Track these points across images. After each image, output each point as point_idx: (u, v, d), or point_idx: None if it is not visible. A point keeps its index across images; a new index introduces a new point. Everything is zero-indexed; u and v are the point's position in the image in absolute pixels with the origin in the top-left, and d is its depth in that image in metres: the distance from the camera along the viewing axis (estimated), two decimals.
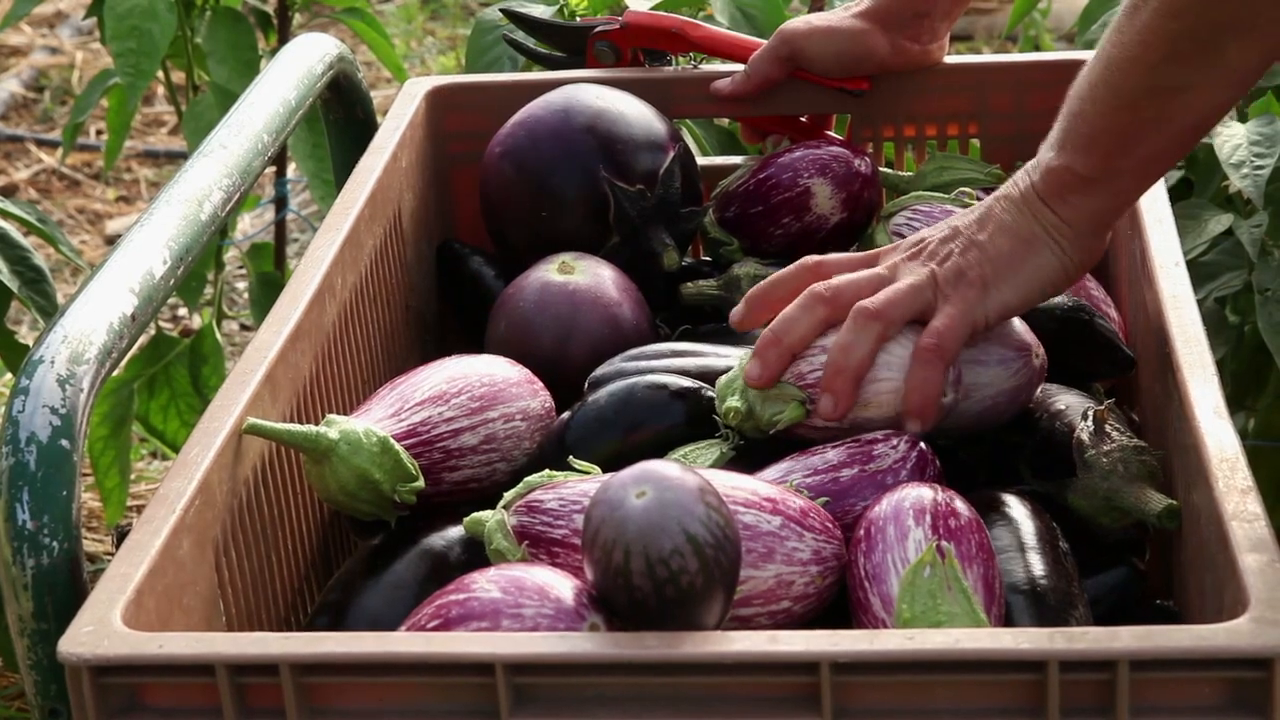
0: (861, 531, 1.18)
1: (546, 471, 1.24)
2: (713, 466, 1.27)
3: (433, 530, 1.29)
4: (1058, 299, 1.38)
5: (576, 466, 1.24)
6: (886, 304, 1.26)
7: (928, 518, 1.16)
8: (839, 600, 1.18)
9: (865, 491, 1.24)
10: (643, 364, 1.40)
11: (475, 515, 1.24)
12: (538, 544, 1.19)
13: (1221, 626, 0.99)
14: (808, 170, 1.64)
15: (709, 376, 1.36)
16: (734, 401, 1.29)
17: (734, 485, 1.17)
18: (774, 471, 1.26)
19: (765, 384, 1.28)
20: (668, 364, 1.39)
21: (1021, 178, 1.27)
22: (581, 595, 1.08)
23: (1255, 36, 1.13)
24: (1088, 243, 1.27)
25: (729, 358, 1.39)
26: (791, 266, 1.34)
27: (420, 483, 1.29)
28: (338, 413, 1.41)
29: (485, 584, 1.10)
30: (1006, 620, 1.14)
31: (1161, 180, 1.47)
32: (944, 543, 1.13)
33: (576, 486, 1.21)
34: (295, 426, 1.27)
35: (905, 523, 1.16)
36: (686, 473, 1.06)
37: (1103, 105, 1.20)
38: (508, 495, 1.23)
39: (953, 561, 1.11)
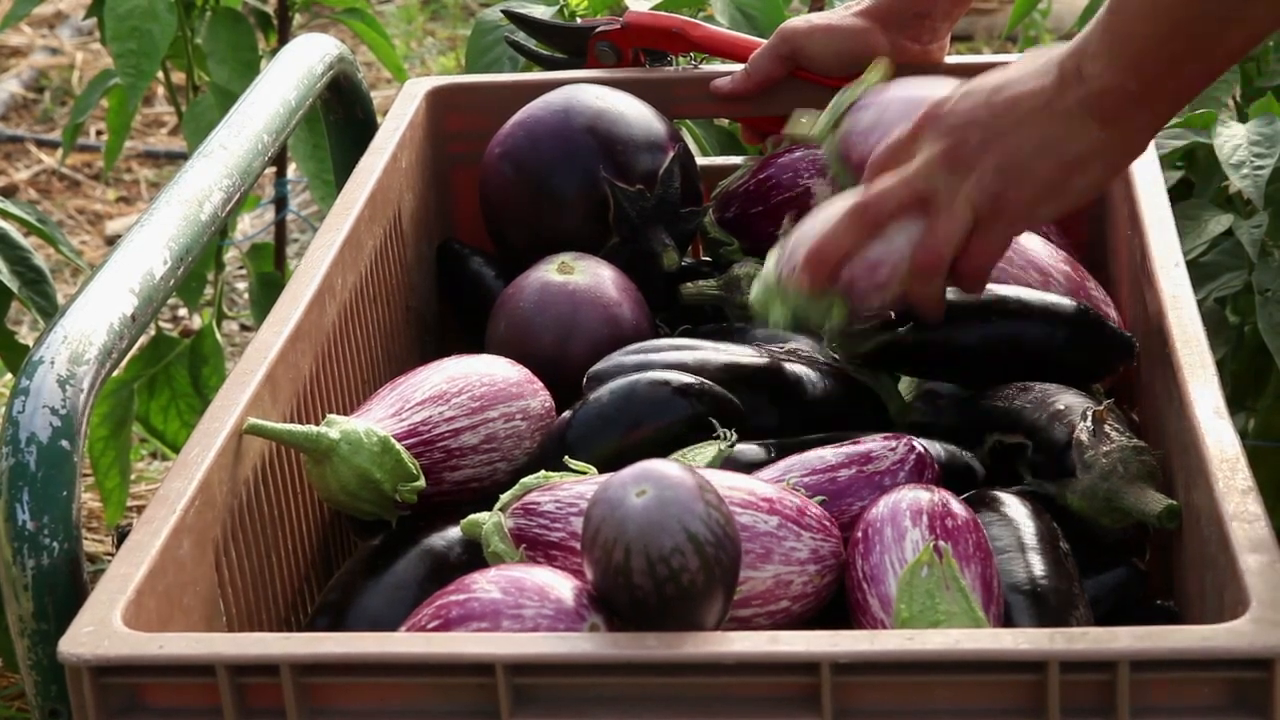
0: (859, 533, 1.18)
1: (542, 473, 1.24)
2: (709, 466, 1.27)
3: (433, 530, 1.29)
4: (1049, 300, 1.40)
5: (573, 467, 1.24)
6: (935, 257, 1.28)
7: (925, 518, 1.16)
8: (839, 601, 1.18)
9: (863, 492, 1.24)
10: (642, 358, 1.40)
11: (472, 517, 1.23)
12: (535, 547, 1.19)
13: (1222, 627, 0.99)
14: (808, 171, 1.64)
15: (708, 369, 1.36)
16: (778, 312, 1.32)
17: (731, 485, 1.17)
18: (771, 471, 1.26)
19: (813, 291, 1.30)
20: (666, 357, 1.39)
21: (1061, 89, 1.23)
22: (581, 595, 1.08)
23: None
24: (1133, 152, 1.26)
25: (726, 352, 1.39)
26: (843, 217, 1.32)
27: (421, 482, 1.29)
28: (338, 413, 1.41)
29: (485, 584, 1.10)
30: (1007, 620, 1.14)
31: (1162, 180, 1.47)
32: (941, 542, 1.13)
33: (573, 489, 1.21)
34: (296, 427, 1.27)
35: (902, 524, 1.16)
36: (686, 472, 1.06)
37: (1154, 28, 1.19)
38: (504, 497, 1.23)
39: (950, 561, 1.11)
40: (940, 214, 1.27)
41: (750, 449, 1.31)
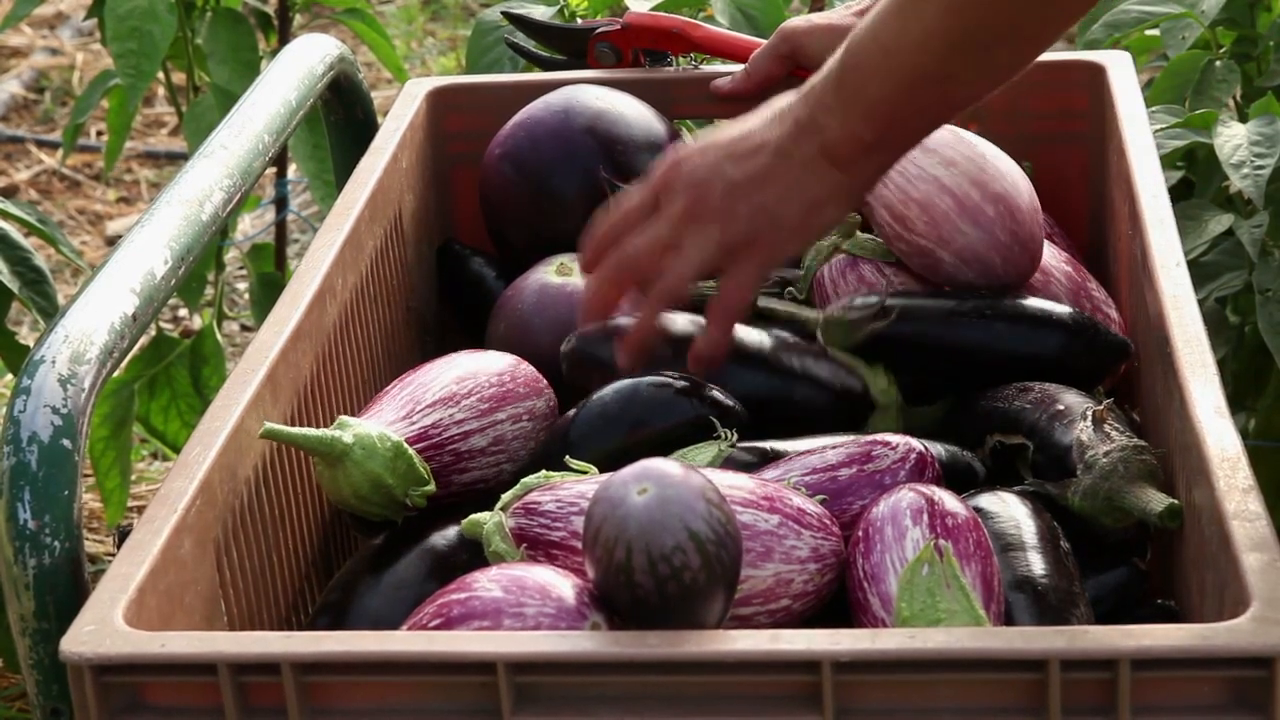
0: (860, 533, 1.18)
1: (543, 473, 1.24)
2: (709, 466, 1.27)
3: (435, 530, 1.29)
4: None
5: (574, 467, 1.24)
6: (677, 284, 1.32)
7: (925, 517, 1.16)
8: (841, 601, 1.18)
9: (864, 491, 1.24)
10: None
11: (473, 517, 1.23)
12: (535, 546, 1.19)
13: (1223, 626, 0.99)
14: None
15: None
16: None
17: (731, 484, 1.17)
18: (772, 471, 1.26)
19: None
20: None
21: (798, 137, 1.29)
22: (583, 594, 1.08)
23: (1025, 41, 1.21)
24: (867, 188, 1.32)
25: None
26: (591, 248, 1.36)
27: (432, 486, 1.29)
28: (340, 413, 1.41)
29: (487, 583, 1.10)
30: (1008, 620, 1.14)
31: (1163, 180, 1.47)
32: (941, 540, 1.13)
33: (574, 488, 1.21)
34: (310, 431, 1.26)
35: (902, 523, 1.16)
36: (688, 470, 1.06)
37: (884, 87, 1.24)
38: (505, 497, 1.23)
39: (950, 559, 1.11)
40: (682, 255, 1.31)
41: (751, 448, 1.31)
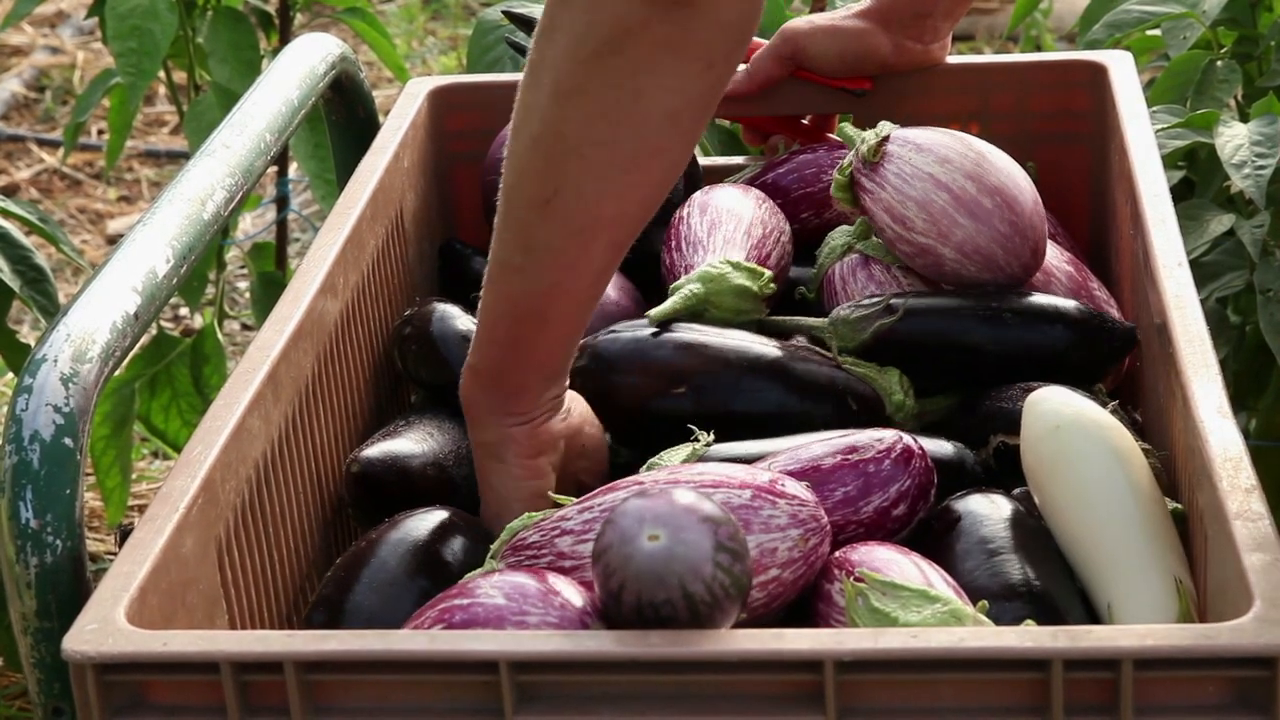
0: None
1: (526, 515, 1.25)
2: (684, 464, 1.28)
3: (425, 525, 1.29)
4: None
5: (557, 501, 1.26)
6: None
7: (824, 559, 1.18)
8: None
9: (847, 478, 1.24)
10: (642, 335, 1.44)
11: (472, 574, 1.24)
12: None
13: (1225, 625, 0.99)
14: (830, 169, 1.64)
15: (711, 350, 1.40)
16: None
17: (700, 471, 1.19)
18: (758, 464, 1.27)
19: None
20: (675, 337, 1.42)
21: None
22: (585, 602, 1.08)
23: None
24: (493, 436, 1.32)
25: (733, 338, 1.42)
26: None
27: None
28: (341, 414, 1.40)
29: (489, 589, 1.10)
30: (1009, 621, 1.14)
31: (1164, 180, 1.47)
32: (855, 571, 1.14)
33: (553, 515, 1.22)
34: None
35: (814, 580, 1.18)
36: (707, 526, 1.04)
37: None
38: (494, 546, 1.24)
39: (870, 574, 1.12)
40: None
41: (733, 446, 1.32)
